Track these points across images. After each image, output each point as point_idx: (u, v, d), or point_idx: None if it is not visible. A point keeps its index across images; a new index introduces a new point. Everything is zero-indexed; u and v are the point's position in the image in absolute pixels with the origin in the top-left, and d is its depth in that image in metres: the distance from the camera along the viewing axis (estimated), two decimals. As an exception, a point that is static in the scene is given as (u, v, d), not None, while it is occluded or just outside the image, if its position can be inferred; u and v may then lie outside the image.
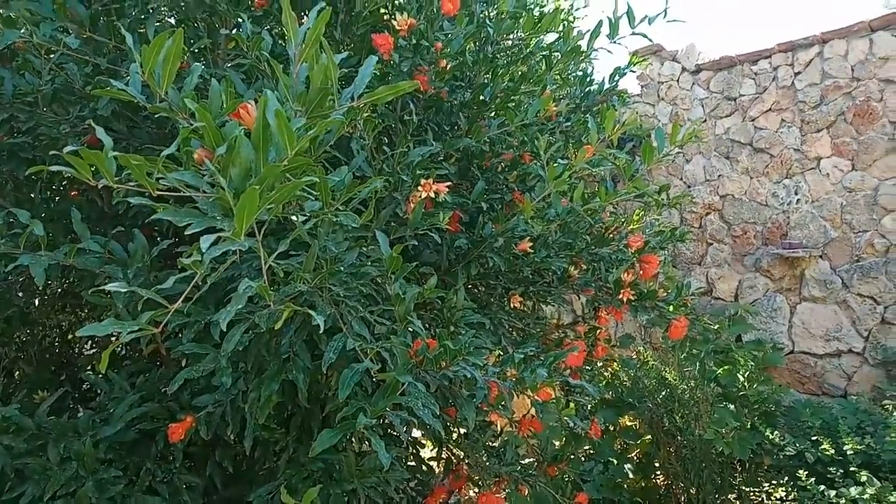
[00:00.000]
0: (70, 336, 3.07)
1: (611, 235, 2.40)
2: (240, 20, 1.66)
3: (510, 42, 2.30)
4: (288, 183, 0.90)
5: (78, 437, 1.85)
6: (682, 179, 6.32)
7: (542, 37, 2.37)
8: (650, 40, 2.18)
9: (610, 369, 5.38)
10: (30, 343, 2.67)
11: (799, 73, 5.60)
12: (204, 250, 0.80)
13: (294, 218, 1.14)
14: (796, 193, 5.53)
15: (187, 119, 1.17)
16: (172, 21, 2.03)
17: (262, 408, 1.62)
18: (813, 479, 3.94)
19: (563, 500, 2.58)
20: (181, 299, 0.96)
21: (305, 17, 2.10)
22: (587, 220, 2.14)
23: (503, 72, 2.24)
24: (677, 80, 6.45)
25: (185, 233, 0.94)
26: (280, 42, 1.92)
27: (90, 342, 2.93)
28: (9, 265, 1.49)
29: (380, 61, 2.01)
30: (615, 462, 5.05)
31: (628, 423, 5.38)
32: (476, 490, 2.34)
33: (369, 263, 1.54)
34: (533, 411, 2.51)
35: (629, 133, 5.59)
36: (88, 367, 2.70)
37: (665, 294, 2.32)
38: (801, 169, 5.53)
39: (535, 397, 1.61)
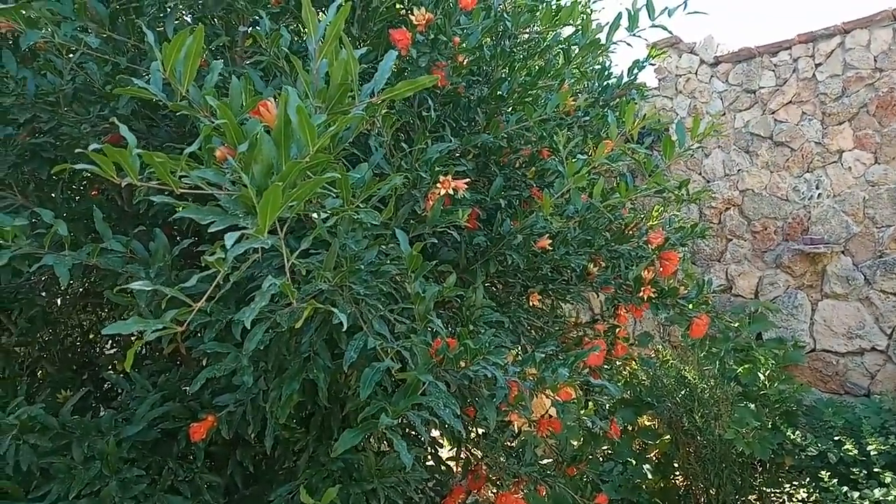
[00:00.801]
0: (92, 335, 3.09)
1: (630, 232, 2.37)
2: (258, 17, 1.65)
3: (528, 36, 2.28)
4: (310, 180, 0.89)
5: (101, 436, 1.86)
6: (700, 174, 6.26)
7: (559, 30, 2.35)
8: (670, 32, 2.15)
9: (628, 368, 5.34)
10: (52, 342, 2.69)
11: (820, 64, 5.51)
12: (228, 248, 0.79)
13: (315, 216, 1.13)
14: (817, 188, 5.45)
15: (208, 117, 1.16)
16: (189, 19, 2.03)
17: (283, 407, 1.61)
18: (835, 481, 3.88)
19: (581, 501, 2.56)
20: (204, 298, 0.95)
21: (323, 13, 2.10)
22: (607, 216, 2.12)
23: (521, 66, 2.22)
24: (696, 73, 6.37)
25: (209, 230, 0.93)
26: (297, 39, 1.91)
27: (111, 341, 2.95)
28: (33, 265, 1.50)
29: (397, 57, 2.00)
30: (634, 462, 5.01)
31: (647, 423, 5.34)
32: (495, 490, 2.32)
33: (389, 262, 1.53)
34: (553, 411, 2.50)
35: (648, 127, 5.53)
36: (110, 367, 2.72)
37: (686, 291, 2.29)
38: (823, 163, 5.44)
39: (556, 397, 1.59)
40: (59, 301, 2.67)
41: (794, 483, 4.57)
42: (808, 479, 4.39)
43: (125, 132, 0.94)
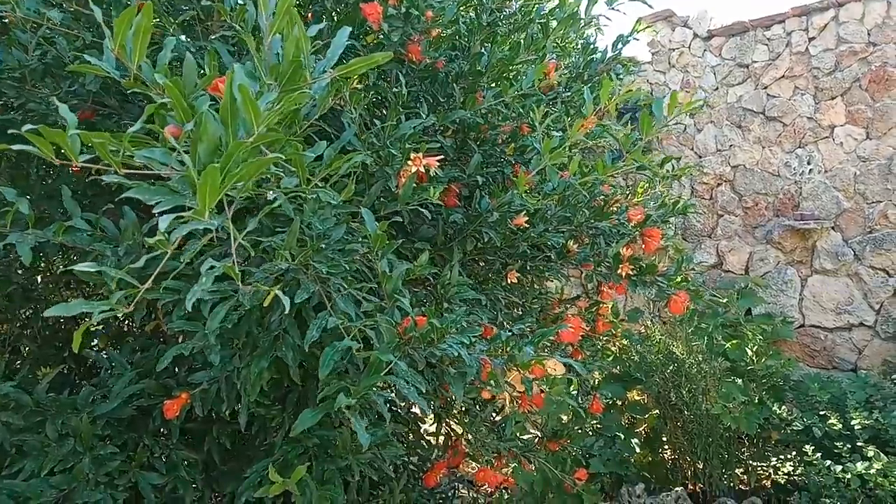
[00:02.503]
0: (77, 315, 3.09)
1: (611, 209, 2.36)
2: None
3: (509, 10, 2.24)
4: (253, 160, 0.88)
5: (76, 413, 1.86)
6: (693, 150, 6.22)
7: (541, 4, 2.31)
8: (650, 6, 2.11)
9: (618, 344, 5.36)
10: (33, 320, 2.69)
11: (813, 38, 5.46)
12: (162, 229, 0.78)
13: (271, 194, 1.12)
14: (809, 163, 5.43)
15: (161, 94, 1.14)
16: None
17: (254, 384, 1.61)
18: (819, 454, 3.92)
19: (562, 476, 2.58)
20: (150, 279, 0.94)
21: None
22: (583, 193, 2.10)
23: (501, 40, 2.19)
24: (689, 47, 6.31)
25: (153, 211, 0.92)
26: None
27: (87, 318, 2.95)
28: (-1, 243, 1.49)
29: (371, 32, 1.97)
30: (622, 437, 5.05)
31: (637, 398, 5.38)
32: (474, 465, 2.34)
33: (357, 240, 1.52)
34: (535, 388, 2.51)
35: (639, 103, 5.48)
36: (93, 345, 2.72)
37: (665, 268, 2.28)
38: (815, 138, 5.42)
39: (527, 374, 1.60)
40: (39, 278, 2.66)
41: (780, 457, 4.62)
42: (794, 454, 4.44)
43: (64, 111, 0.92)
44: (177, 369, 2.13)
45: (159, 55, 1.15)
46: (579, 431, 5.06)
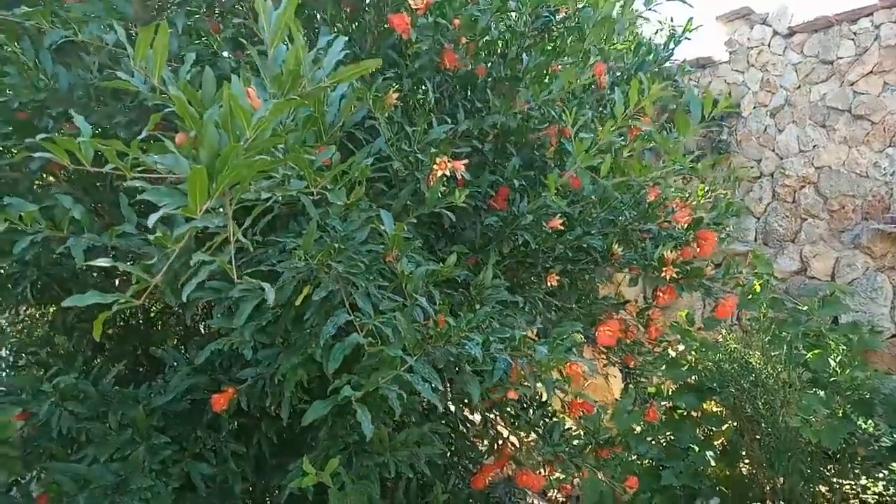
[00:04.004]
0: (152, 314, 3.31)
1: (657, 212, 2.31)
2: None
3: (547, 15, 2.25)
4: (243, 161, 0.94)
5: (137, 405, 2.01)
6: (774, 151, 5.94)
7: (583, 9, 2.30)
8: (690, 5, 2.07)
9: (692, 353, 5.17)
10: (109, 321, 2.90)
11: (905, 30, 5.12)
12: (150, 225, 0.86)
13: (279, 197, 1.18)
14: (901, 163, 5.08)
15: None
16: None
17: (289, 380, 1.69)
18: (909, 472, 3.65)
19: (612, 484, 2.54)
20: (160, 275, 1.03)
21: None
22: (617, 196, 2.08)
23: (538, 45, 2.20)
24: (768, 45, 6.04)
25: (159, 211, 1.00)
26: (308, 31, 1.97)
27: (167, 318, 3.15)
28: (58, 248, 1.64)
29: (404, 42, 2.03)
30: (697, 449, 4.87)
31: (713, 409, 5.17)
32: (514, 467, 2.34)
33: (381, 242, 1.58)
34: (589, 392, 2.48)
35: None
36: (162, 343, 2.91)
37: (713, 272, 2.22)
38: (907, 136, 5.06)
39: (549, 374, 1.60)
40: (117, 282, 2.88)
41: (870, 476, 4.32)
42: (885, 472, 4.14)
43: (80, 122, 1.02)
44: (232, 366, 2.26)
45: (180, 69, 1.25)
46: (651, 442, 4.93)
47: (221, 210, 1.06)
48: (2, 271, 2.28)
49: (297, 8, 1.10)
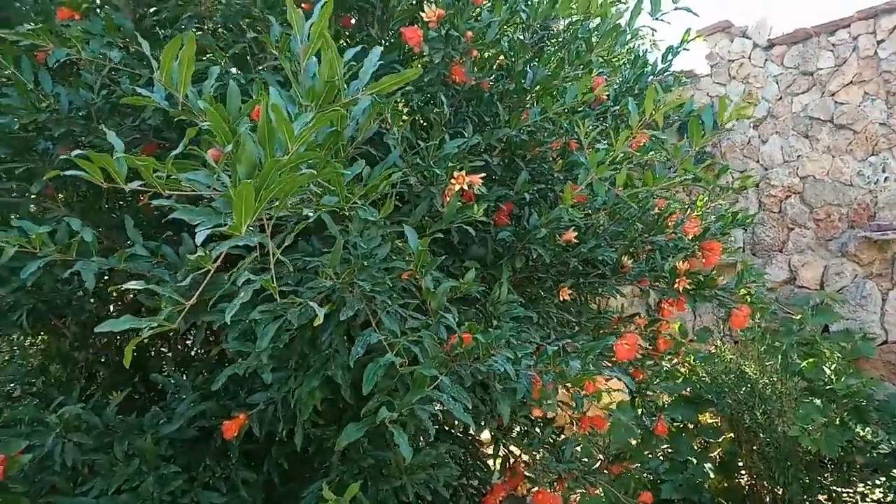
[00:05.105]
0: (146, 340, 3.22)
1: (665, 223, 2.30)
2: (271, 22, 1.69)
3: (554, 28, 2.25)
4: (288, 177, 0.90)
5: (142, 434, 1.93)
6: (758, 162, 6.01)
7: (587, 20, 2.30)
8: (695, 14, 2.08)
9: (687, 365, 5.18)
10: (107, 346, 2.82)
11: (882, 40, 5.22)
12: (198, 244, 0.82)
13: (310, 213, 1.14)
14: (884, 171, 5.16)
15: (206, 121, 1.19)
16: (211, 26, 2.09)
17: (306, 404, 1.64)
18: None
19: (626, 500, 2.50)
20: (195, 297, 0.98)
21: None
22: (632, 207, 2.06)
23: (544, 58, 2.19)
24: (749, 57, 6.14)
25: (195, 230, 0.96)
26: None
27: (161, 345, 3.07)
28: (66, 271, 1.58)
29: (417, 57, 2.01)
30: (695, 461, 4.85)
31: (710, 421, 5.17)
32: (529, 487, 2.30)
33: (402, 258, 1.54)
34: (596, 409, 2.45)
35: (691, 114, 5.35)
36: (163, 369, 2.83)
37: (725, 282, 2.21)
38: (889, 144, 5.15)
39: (578, 390, 1.56)
40: (111, 307, 2.79)
41: (868, 482, 4.33)
42: (883, 479, 4.16)
43: (112, 138, 0.97)
44: (239, 391, 2.19)
45: (204, 84, 1.21)
46: (649, 456, 4.90)
47: (258, 227, 1.02)
48: (-2, 299, 2.20)
49: (330, 11, 1.07)
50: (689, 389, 5.09)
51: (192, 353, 2.89)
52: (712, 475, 4.83)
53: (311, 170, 1.01)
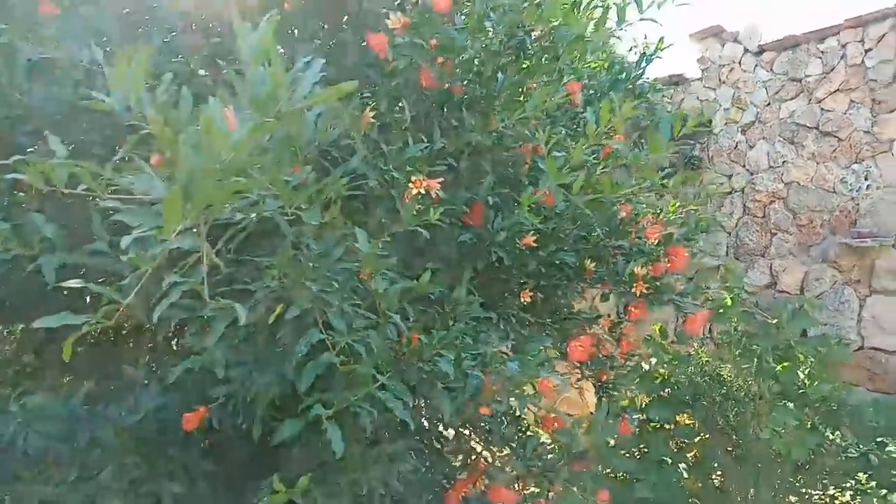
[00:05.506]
0: (123, 332, 3.26)
1: (628, 228, 2.35)
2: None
3: (521, 35, 2.29)
4: (217, 184, 0.95)
5: (107, 424, 1.98)
6: (745, 167, 6.07)
7: (554, 27, 2.34)
8: (659, 24, 2.13)
9: (664, 366, 5.23)
10: (82, 338, 2.85)
11: (869, 49, 5.27)
12: (123, 247, 0.86)
13: (253, 216, 1.19)
14: (866, 179, 5.22)
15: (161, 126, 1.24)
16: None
17: (260, 399, 1.69)
18: (874, 483, 3.72)
19: (584, 497, 2.55)
20: (132, 294, 1.03)
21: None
22: (587, 213, 2.11)
23: (512, 64, 2.23)
24: (739, 63, 6.19)
25: (132, 232, 1.00)
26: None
27: (138, 336, 3.11)
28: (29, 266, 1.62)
29: (382, 60, 2.05)
30: (670, 461, 4.91)
31: (687, 422, 5.23)
32: (487, 484, 2.35)
33: (355, 261, 1.58)
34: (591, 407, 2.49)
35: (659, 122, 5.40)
36: (134, 361, 2.87)
37: (683, 287, 2.26)
38: (872, 152, 5.21)
39: (521, 391, 1.62)
40: (88, 299, 2.83)
41: (836, 486, 4.40)
42: (852, 482, 4.22)
43: (54, 143, 1.02)
44: (205, 385, 2.24)
45: (157, 90, 1.25)
46: (626, 455, 4.96)
47: (195, 231, 1.06)
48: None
49: (276, 23, 1.12)
50: (666, 391, 5.15)
51: (165, 347, 2.93)
52: (686, 475, 4.89)
53: (243, 176, 1.05)
